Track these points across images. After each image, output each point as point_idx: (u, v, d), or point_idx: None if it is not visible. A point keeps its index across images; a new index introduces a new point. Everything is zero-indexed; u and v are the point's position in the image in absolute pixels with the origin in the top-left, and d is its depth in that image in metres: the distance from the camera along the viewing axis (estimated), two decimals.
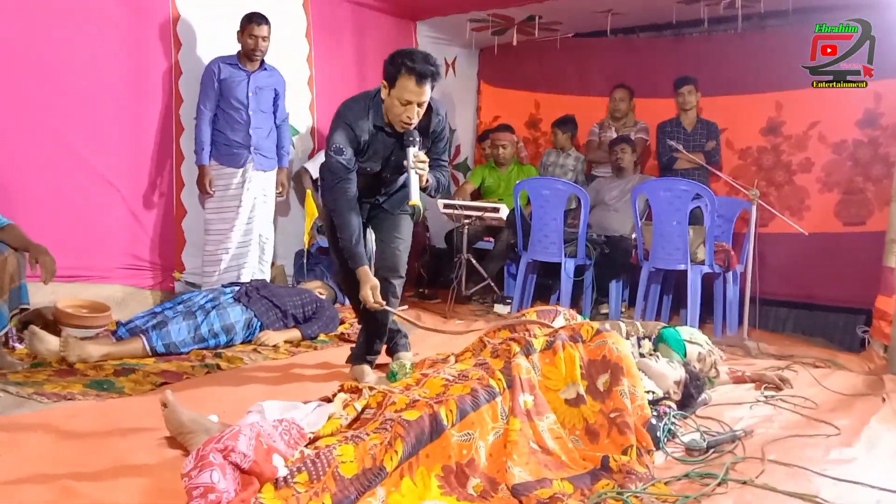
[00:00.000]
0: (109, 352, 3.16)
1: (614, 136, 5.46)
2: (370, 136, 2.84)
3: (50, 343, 3.06)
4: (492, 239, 5.39)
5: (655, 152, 5.51)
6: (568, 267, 4.59)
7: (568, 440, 2.12)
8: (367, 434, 1.89)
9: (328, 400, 2.25)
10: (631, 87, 5.63)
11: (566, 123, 5.73)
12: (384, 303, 2.81)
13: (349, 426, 2.03)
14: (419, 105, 2.74)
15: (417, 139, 2.80)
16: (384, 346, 3.31)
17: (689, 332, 3.18)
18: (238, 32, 4.33)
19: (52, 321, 3.39)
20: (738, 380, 3.26)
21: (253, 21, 4.28)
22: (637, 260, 4.63)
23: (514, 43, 6.16)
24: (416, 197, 2.76)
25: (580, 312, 3.06)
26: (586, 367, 2.24)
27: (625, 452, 2.07)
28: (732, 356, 3.82)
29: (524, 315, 2.64)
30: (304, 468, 1.74)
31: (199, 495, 1.61)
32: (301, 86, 5.30)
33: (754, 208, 4.12)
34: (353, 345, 3.30)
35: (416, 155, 2.77)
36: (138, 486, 1.89)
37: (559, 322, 2.57)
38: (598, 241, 4.80)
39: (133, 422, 2.40)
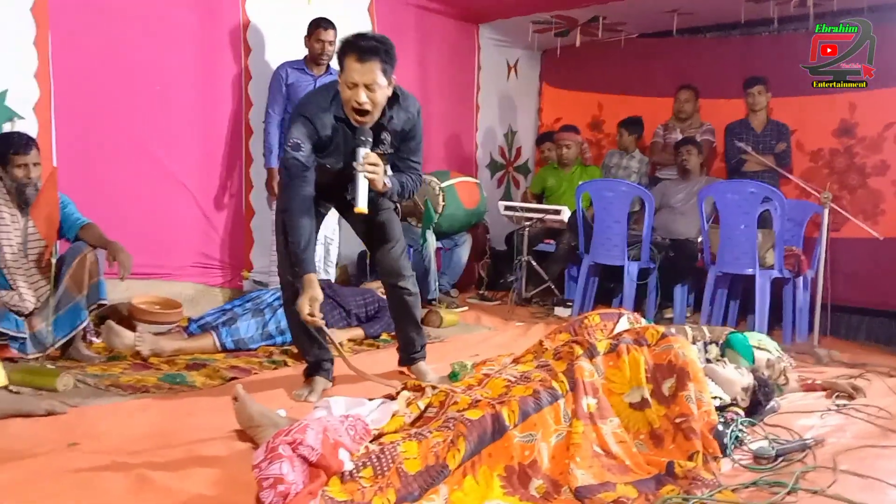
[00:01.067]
0: (181, 347, 3.28)
1: (679, 137, 5.37)
2: (332, 129, 2.60)
3: (125, 338, 3.19)
4: (552, 241, 5.37)
5: (723, 154, 5.40)
6: (631, 270, 4.54)
7: (632, 444, 2.10)
8: (430, 432, 1.92)
9: (391, 398, 2.28)
10: (696, 87, 5.52)
11: (633, 124, 5.66)
12: (321, 319, 2.54)
13: (412, 424, 2.06)
14: (368, 88, 2.46)
15: (370, 139, 2.55)
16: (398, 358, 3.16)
17: (757, 338, 3.10)
18: (305, 37, 4.42)
19: (128, 317, 3.54)
20: (809, 388, 3.17)
21: (320, 26, 4.37)
22: (703, 264, 4.54)
23: (578, 44, 6.11)
24: (362, 203, 2.50)
25: (644, 316, 3.01)
26: (651, 371, 2.21)
27: (690, 458, 2.04)
28: (802, 364, 3.71)
29: (586, 318, 2.62)
30: (369, 463, 1.77)
31: (268, 486, 1.66)
32: None
33: (826, 212, 3.98)
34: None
35: (365, 156, 2.50)
36: (210, 476, 1.95)
37: (623, 325, 2.55)
38: (663, 244, 4.72)
39: (204, 415, 2.49)
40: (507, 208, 5.17)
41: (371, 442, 1.92)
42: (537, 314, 4.84)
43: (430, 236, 4.88)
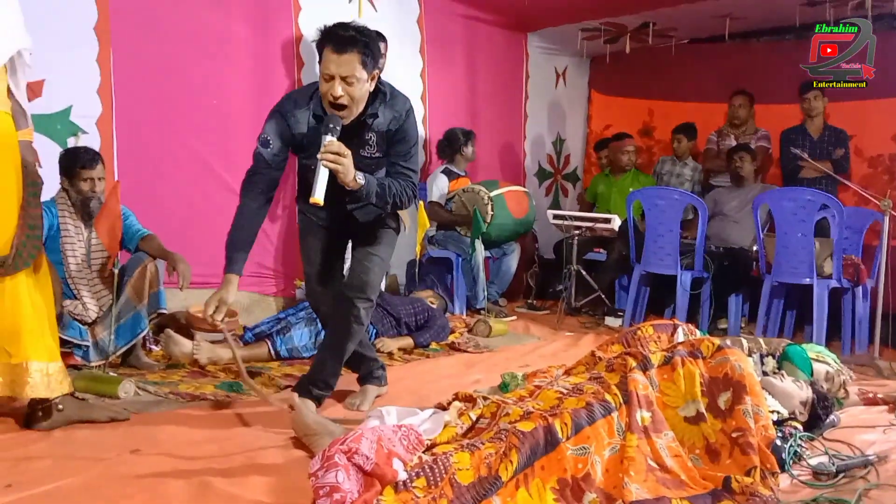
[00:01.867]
0: (237, 355, 3.35)
1: (733, 143, 5.28)
2: (310, 128, 2.46)
3: (184, 346, 3.28)
4: (602, 250, 5.33)
5: (778, 161, 5.29)
6: (684, 280, 4.47)
7: (687, 459, 2.07)
8: (483, 443, 1.92)
9: (443, 408, 2.30)
10: (751, 93, 5.43)
11: (690, 130, 5.58)
12: (222, 323, 2.42)
13: (464, 435, 2.07)
14: (345, 81, 2.31)
15: (337, 127, 2.34)
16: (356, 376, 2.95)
17: (815, 350, 3.02)
18: None
19: (186, 325, 3.63)
20: (870, 402, 3.07)
21: None
22: (758, 273, 4.45)
23: (627, 50, 6.07)
24: (319, 194, 2.27)
25: (697, 327, 2.95)
26: (707, 385, 2.18)
27: (748, 474, 2.00)
28: (862, 376, 3.60)
29: (639, 329, 2.59)
30: (422, 473, 1.79)
31: (324, 494, 1.69)
32: (414, 100, 5.39)
33: (886, 219, 3.87)
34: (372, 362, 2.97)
35: (328, 143, 2.29)
36: (268, 483, 2.00)
37: (677, 337, 2.52)
38: (717, 252, 4.64)
39: (260, 422, 2.54)
40: (555, 217, 5.15)
41: (424, 452, 1.94)
42: (587, 324, 4.80)
43: (479, 245, 4.89)
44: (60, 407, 2.44)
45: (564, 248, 5.17)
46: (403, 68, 5.20)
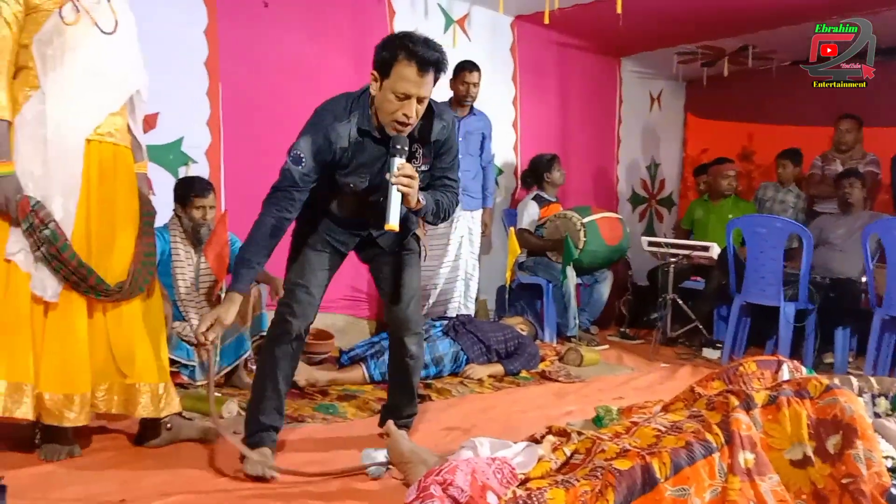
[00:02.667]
0: (334, 377, 3.45)
1: (839, 169, 5.05)
2: (352, 143, 2.28)
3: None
4: (700, 278, 5.18)
5: (888, 187, 5.02)
6: (787, 311, 4.28)
7: None
8: (578, 480, 1.90)
9: (536, 441, 2.28)
10: (859, 116, 5.18)
11: (795, 155, 5.38)
12: (211, 343, 2.25)
13: (558, 470, 2.05)
14: (419, 101, 2.19)
15: (406, 148, 2.22)
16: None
17: None
18: (450, 80, 4.57)
19: None
20: None
21: (465, 68, 4.51)
22: (868, 306, 4.22)
23: (726, 74, 5.93)
24: (394, 220, 2.17)
25: (802, 362, 2.82)
26: (814, 427, 2.07)
27: None
28: None
29: (741, 365, 2.50)
30: None
31: None
32: (506, 127, 5.48)
33: None
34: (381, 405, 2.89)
35: (400, 166, 2.17)
36: None
37: (784, 375, 2.42)
38: (822, 283, 4.43)
39: (356, 446, 2.59)
40: (650, 244, 5.04)
41: (518, 486, 1.93)
42: (683, 355, 4.66)
43: (570, 272, 4.84)
44: (169, 426, 2.57)
45: (660, 276, 5.06)
46: (496, 96, 5.26)
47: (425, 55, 2.15)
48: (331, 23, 4.50)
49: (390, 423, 2.24)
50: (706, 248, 4.81)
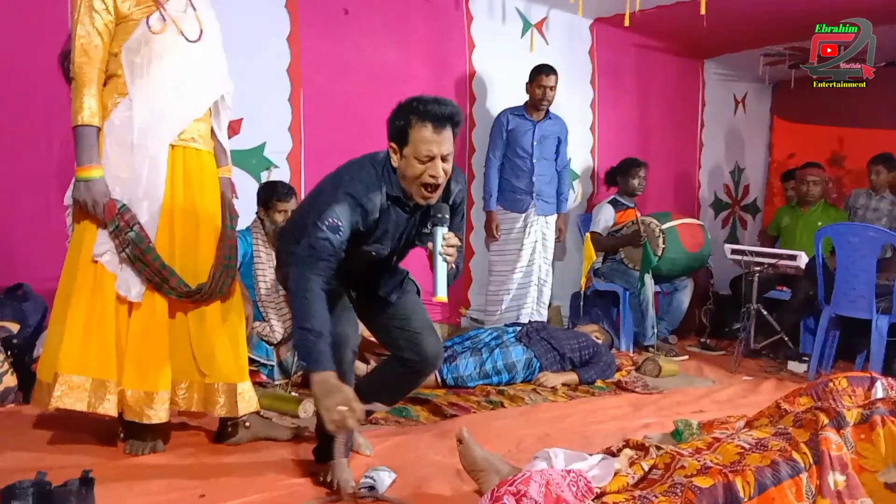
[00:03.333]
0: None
1: None
2: (382, 211, 2.21)
3: (358, 369, 3.42)
4: (785, 288, 4.96)
5: None
6: (880, 325, 4.06)
7: None
8: (656, 496, 1.84)
9: (612, 453, 2.23)
10: None
11: (889, 161, 5.10)
12: (357, 424, 1.99)
13: (635, 485, 1.99)
14: (444, 159, 2.14)
15: (447, 216, 2.20)
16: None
17: None
18: (527, 83, 4.55)
19: (360, 349, 3.80)
20: None
21: (542, 72, 4.47)
22: None
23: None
24: (442, 292, 2.14)
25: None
26: None
27: None
28: None
29: (831, 381, 2.38)
30: None
31: None
32: (583, 131, 5.41)
33: None
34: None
35: (446, 237, 2.15)
36: None
37: (878, 393, 2.29)
38: None
39: (427, 450, 2.60)
40: (734, 252, 4.86)
41: (593, 500, 1.89)
42: (768, 368, 4.47)
43: (649, 279, 4.73)
44: (247, 424, 2.63)
45: (743, 285, 4.86)
46: (573, 100, 5.20)
47: (437, 111, 2.12)
48: (410, 29, 4.55)
49: (464, 429, 2.22)
50: (793, 257, 4.61)
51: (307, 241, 2.13)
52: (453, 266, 2.22)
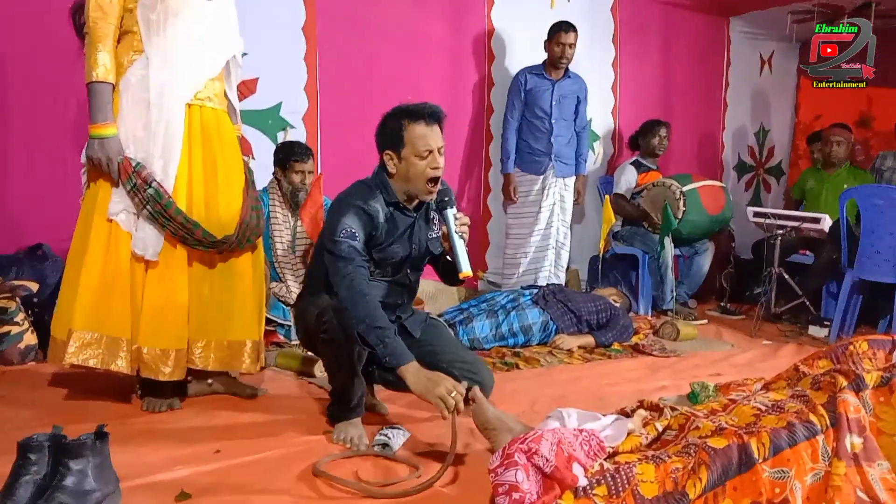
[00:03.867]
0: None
1: None
2: (386, 216, 2.33)
3: None
4: (808, 252, 4.88)
5: None
6: None
7: None
8: (669, 456, 1.83)
9: (626, 414, 2.21)
10: None
11: None
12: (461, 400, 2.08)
13: (649, 446, 1.98)
14: (440, 152, 2.29)
15: (454, 199, 2.33)
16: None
17: None
18: (546, 41, 4.45)
19: None
20: None
21: (561, 29, 4.38)
22: None
23: None
24: (466, 267, 2.25)
25: None
26: None
27: None
28: None
29: (851, 344, 2.34)
30: (603, 481, 1.74)
31: (503, 492, 1.69)
32: (605, 90, 5.31)
33: None
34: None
35: (456, 216, 2.29)
36: (448, 473, 2.03)
37: None
38: None
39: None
40: (756, 214, 4.78)
41: (605, 459, 1.88)
42: (788, 333, 4.42)
43: (668, 243, 4.66)
44: (210, 382, 2.66)
45: (765, 249, 4.79)
46: (594, 58, 5.10)
47: (425, 109, 2.28)
48: None
49: (476, 388, 2.22)
50: (817, 220, 4.52)
51: (332, 259, 2.21)
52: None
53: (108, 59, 2.31)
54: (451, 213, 2.29)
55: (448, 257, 2.41)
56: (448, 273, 2.50)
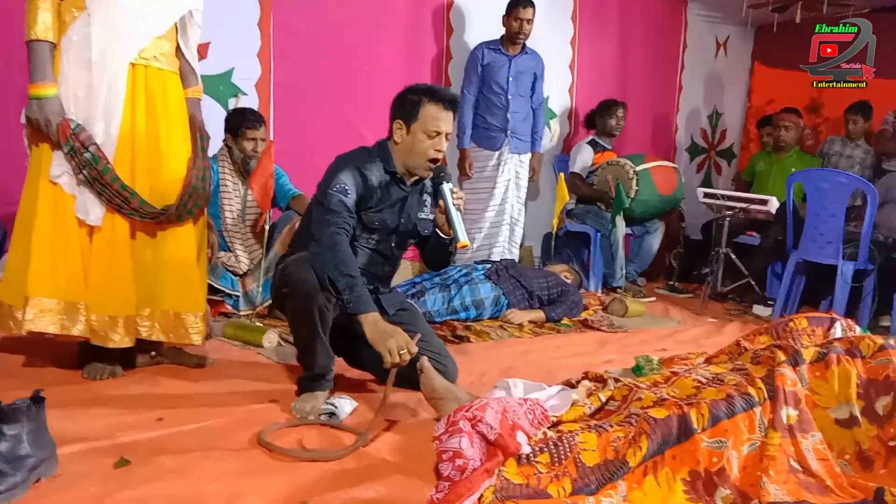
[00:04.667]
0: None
1: None
2: (381, 183, 2.39)
3: None
4: (755, 234, 5.00)
5: None
6: (845, 271, 4.11)
7: (835, 464, 1.91)
8: (611, 426, 1.86)
9: (571, 385, 2.25)
10: None
11: (866, 109, 5.08)
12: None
13: (592, 415, 2.01)
14: (446, 137, 2.38)
15: (448, 172, 2.42)
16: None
17: None
18: (504, 16, 4.43)
19: None
20: None
21: (519, 4, 4.36)
22: None
23: (798, 20, 5.59)
24: (464, 236, 2.31)
25: (857, 323, 2.70)
26: (864, 387, 1.98)
27: None
28: None
29: (792, 321, 2.40)
30: (546, 449, 1.76)
31: (447, 458, 1.70)
32: (562, 68, 5.31)
33: None
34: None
35: (453, 190, 2.34)
36: (394, 442, 2.04)
37: (836, 333, 2.31)
38: (885, 243, 4.23)
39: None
40: (706, 195, 4.87)
41: (549, 428, 1.91)
42: (733, 311, 4.53)
43: (620, 221, 4.73)
44: (153, 353, 2.61)
45: (714, 230, 4.90)
46: (553, 36, 5.09)
47: (447, 95, 2.37)
48: None
49: (424, 358, 2.23)
50: (764, 202, 4.62)
51: (321, 209, 2.28)
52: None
53: (48, 16, 2.21)
54: (447, 187, 2.34)
55: (441, 234, 2.47)
56: (434, 255, 2.59)
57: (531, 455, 1.75)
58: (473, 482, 1.62)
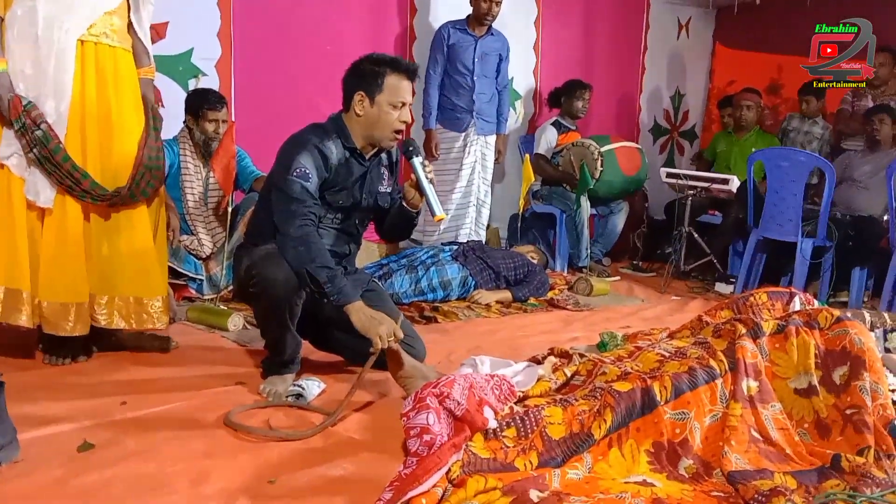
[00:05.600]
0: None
1: (870, 105, 4.86)
2: (339, 161, 2.32)
3: None
4: (717, 212, 5.08)
5: None
6: (805, 248, 4.20)
7: (794, 433, 1.96)
8: (577, 400, 1.89)
9: (538, 361, 2.27)
10: (894, 50, 4.95)
11: (819, 90, 5.17)
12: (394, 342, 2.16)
13: (558, 390, 2.04)
14: (409, 107, 2.35)
15: (419, 146, 2.42)
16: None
17: None
18: None
19: None
20: None
21: None
22: (888, 245, 4.12)
23: (758, 1, 5.67)
24: (439, 209, 2.34)
25: (816, 297, 2.77)
26: (822, 357, 2.04)
27: (860, 453, 1.86)
28: None
29: (752, 296, 2.45)
30: (513, 423, 1.78)
31: (415, 434, 1.71)
32: (526, 49, 5.31)
33: None
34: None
35: (423, 163, 2.33)
36: (361, 420, 2.05)
37: (795, 306, 2.37)
38: (843, 221, 4.32)
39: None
40: (668, 175, 4.93)
41: (515, 403, 1.93)
42: (696, 289, 4.61)
43: (585, 202, 4.77)
44: (114, 338, 2.57)
45: (677, 209, 4.97)
46: (517, 17, 5.07)
47: (409, 66, 2.31)
48: None
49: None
50: (726, 181, 4.69)
51: (283, 197, 2.19)
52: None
53: None
54: (418, 161, 2.32)
55: (408, 207, 2.43)
56: (395, 228, 2.57)
57: (498, 430, 1.77)
58: (441, 457, 1.63)
